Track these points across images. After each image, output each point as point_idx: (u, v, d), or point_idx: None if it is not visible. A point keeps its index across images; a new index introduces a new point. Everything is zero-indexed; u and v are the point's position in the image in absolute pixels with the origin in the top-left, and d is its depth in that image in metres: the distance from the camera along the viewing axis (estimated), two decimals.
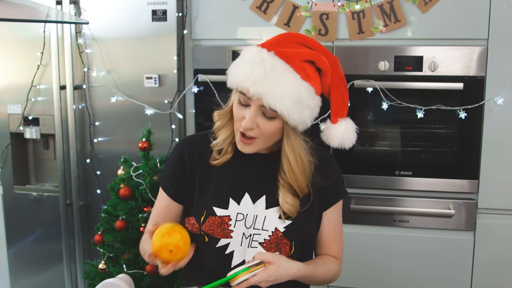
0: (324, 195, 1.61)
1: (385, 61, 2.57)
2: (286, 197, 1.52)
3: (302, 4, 2.60)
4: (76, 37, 2.81)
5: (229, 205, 1.54)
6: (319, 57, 1.46)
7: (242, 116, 1.45)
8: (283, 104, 1.39)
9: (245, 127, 1.43)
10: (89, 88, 2.85)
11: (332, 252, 1.66)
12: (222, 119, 1.56)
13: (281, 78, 1.40)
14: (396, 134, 2.67)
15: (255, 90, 1.39)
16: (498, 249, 2.60)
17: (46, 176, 3.14)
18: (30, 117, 2.95)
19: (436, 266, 2.67)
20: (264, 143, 1.49)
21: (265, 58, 1.42)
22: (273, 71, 1.40)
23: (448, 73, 2.53)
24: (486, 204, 2.59)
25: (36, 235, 3.08)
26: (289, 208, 1.52)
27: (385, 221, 2.69)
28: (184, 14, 2.72)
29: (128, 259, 2.23)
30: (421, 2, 2.50)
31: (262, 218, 1.53)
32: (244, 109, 1.45)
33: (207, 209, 1.53)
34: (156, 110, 2.74)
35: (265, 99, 1.38)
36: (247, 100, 1.43)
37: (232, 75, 1.46)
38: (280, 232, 1.53)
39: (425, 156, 2.64)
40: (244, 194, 1.55)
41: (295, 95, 1.40)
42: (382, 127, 2.68)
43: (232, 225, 1.53)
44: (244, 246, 1.53)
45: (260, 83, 1.39)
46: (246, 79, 1.40)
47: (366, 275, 2.74)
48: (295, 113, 1.41)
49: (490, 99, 2.50)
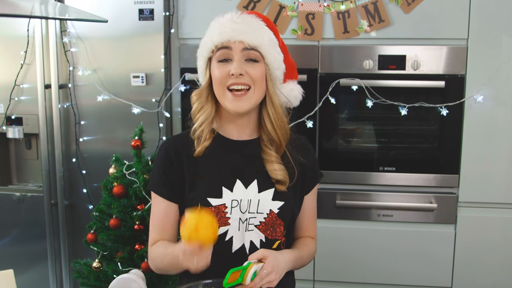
0: (306, 178, 1.68)
1: (370, 60, 2.64)
2: (272, 166, 1.59)
3: (289, 4, 2.65)
4: (61, 36, 2.79)
5: (222, 194, 1.57)
6: (268, 19, 1.65)
7: (227, 71, 1.53)
8: (261, 41, 1.54)
9: (236, 72, 1.51)
10: (75, 87, 2.83)
11: (310, 233, 1.77)
12: (201, 97, 1.61)
13: (251, 22, 1.57)
14: (380, 131, 2.75)
15: (234, 34, 1.53)
16: (478, 241, 2.71)
17: (28, 176, 3.10)
18: (13, 117, 2.91)
19: (418, 258, 2.76)
20: (255, 94, 1.56)
21: (231, 16, 1.57)
22: (242, 20, 1.56)
23: (430, 72, 2.62)
24: (466, 197, 2.69)
25: (19, 235, 3.03)
26: (280, 173, 1.59)
27: (369, 216, 2.77)
28: (171, 13, 2.73)
29: (123, 257, 2.23)
30: (404, 3, 2.58)
31: (256, 202, 1.58)
32: (226, 65, 1.54)
33: (201, 202, 1.56)
34: (143, 108, 2.75)
35: (245, 37, 1.52)
36: (229, 52, 1.54)
37: (205, 43, 1.59)
38: (275, 213, 1.59)
39: (408, 152, 2.72)
40: (236, 180, 1.59)
41: (264, 34, 1.57)
42: (367, 124, 2.75)
43: (229, 212, 1.57)
44: (242, 230, 1.58)
45: (236, 29, 1.53)
46: (222, 32, 1.54)
47: (351, 269, 2.81)
48: (271, 51, 1.56)
49: (470, 96, 2.60)
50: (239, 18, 1.56)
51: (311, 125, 2.69)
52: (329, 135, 2.74)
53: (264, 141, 1.62)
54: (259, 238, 1.59)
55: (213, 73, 1.57)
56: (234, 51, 1.53)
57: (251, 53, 1.54)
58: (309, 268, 2.82)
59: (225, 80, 1.53)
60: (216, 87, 1.56)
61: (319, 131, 2.73)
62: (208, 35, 1.59)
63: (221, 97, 1.56)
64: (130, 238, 2.27)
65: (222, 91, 1.55)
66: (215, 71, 1.56)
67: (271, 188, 1.60)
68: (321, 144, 2.74)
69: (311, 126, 2.69)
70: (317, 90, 2.70)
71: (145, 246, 2.24)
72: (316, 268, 2.82)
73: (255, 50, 1.53)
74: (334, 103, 2.67)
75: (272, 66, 1.57)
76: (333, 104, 2.67)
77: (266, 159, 1.61)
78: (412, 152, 2.72)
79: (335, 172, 2.74)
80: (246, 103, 1.55)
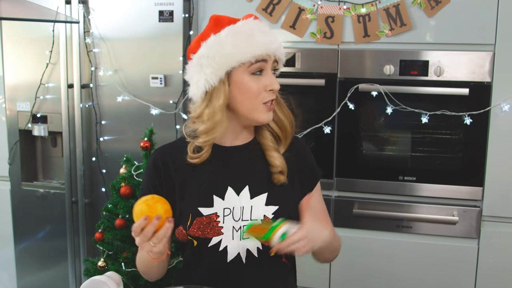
0: (304, 176, 1.61)
1: (391, 65, 2.55)
2: (271, 153, 1.55)
3: (308, 7, 2.60)
4: (84, 37, 2.84)
5: (213, 203, 1.52)
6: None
7: (263, 85, 1.47)
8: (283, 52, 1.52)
9: (278, 87, 1.49)
10: (96, 87, 2.88)
11: None
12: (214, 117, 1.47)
13: (273, 32, 1.51)
14: (401, 139, 2.65)
15: (273, 48, 1.47)
16: (502, 258, 2.57)
17: (53, 173, 3.17)
18: (38, 115, 2.99)
19: (439, 273, 2.64)
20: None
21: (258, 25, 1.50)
22: (267, 29, 1.50)
23: (453, 78, 2.50)
24: (491, 211, 2.55)
25: (43, 231, 3.11)
26: (279, 161, 1.54)
27: (388, 227, 2.67)
28: (191, 15, 2.73)
29: (127, 257, 2.23)
30: (428, 6, 2.48)
31: (249, 208, 1.52)
32: (260, 78, 1.48)
33: (192, 212, 1.51)
34: (161, 110, 2.76)
35: (278, 52, 1.49)
36: (264, 65, 1.47)
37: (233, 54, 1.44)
38: (269, 219, 1.52)
39: (430, 162, 2.62)
40: (227, 188, 1.53)
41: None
42: (386, 132, 2.67)
43: (221, 221, 1.51)
44: (236, 239, 1.52)
45: (268, 42, 1.47)
46: (260, 44, 1.45)
47: (368, 280, 2.72)
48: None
49: (497, 105, 2.47)
50: (266, 27, 1.51)
51: (329, 131, 2.63)
52: (347, 142, 2.67)
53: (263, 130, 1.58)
54: (256, 246, 1.54)
55: (243, 86, 1.46)
56: (268, 64, 1.48)
57: (275, 65, 1.51)
58: (324, 277, 2.75)
59: (262, 95, 1.47)
60: (249, 100, 1.47)
61: (337, 138, 2.66)
62: (231, 44, 1.44)
63: (253, 109, 1.48)
64: None
65: (256, 105, 1.48)
66: (250, 84, 1.45)
67: (264, 193, 1.54)
68: (339, 150, 2.67)
69: (328, 132, 2.63)
70: (336, 95, 2.63)
71: None
72: (331, 277, 2.75)
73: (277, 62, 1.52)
74: (352, 109, 2.60)
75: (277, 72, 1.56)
76: (352, 110, 2.60)
77: (265, 143, 1.56)
78: (433, 161, 2.61)
79: (353, 180, 2.67)
80: (272, 113, 1.53)
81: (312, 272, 1.78)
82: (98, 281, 1.38)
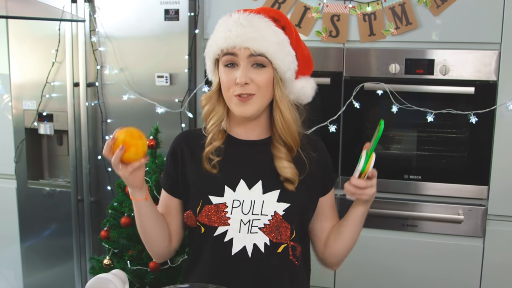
0: (322, 178, 1.65)
1: (396, 64, 2.55)
2: (282, 163, 1.55)
3: (313, 6, 2.60)
4: (90, 35, 2.85)
5: (224, 193, 1.54)
6: (280, 13, 1.57)
7: (233, 78, 1.49)
8: (268, 47, 1.47)
9: (241, 81, 1.47)
10: (102, 85, 2.89)
11: None
12: (210, 101, 1.58)
13: (257, 26, 1.49)
14: (406, 138, 2.65)
15: (239, 41, 1.47)
16: (507, 256, 2.56)
17: (59, 172, 3.19)
18: (44, 113, 3.00)
19: (444, 272, 2.64)
20: (261, 100, 1.52)
21: (237, 17, 1.50)
22: (248, 22, 1.49)
23: (459, 77, 2.50)
24: (496, 210, 2.55)
25: (49, 229, 3.13)
26: (290, 171, 1.54)
27: (393, 225, 2.67)
28: (196, 14, 2.74)
29: (132, 256, 2.24)
30: (433, 5, 2.47)
31: (260, 203, 1.54)
32: (233, 70, 1.50)
33: (202, 199, 1.54)
34: (166, 108, 2.76)
35: (251, 44, 1.46)
36: (234, 58, 1.49)
37: (211, 45, 1.54)
38: (280, 216, 1.54)
39: (435, 161, 2.61)
40: (239, 180, 1.55)
41: (273, 37, 1.49)
42: (392, 131, 2.66)
43: (229, 212, 1.53)
44: (243, 232, 1.53)
45: (241, 35, 1.47)
46: (227, 37, 1.48)
47: (374, 278, 2.72)
48: (280, 55, 1.49)
49: (502, 104, 2.47)
50: (245, 20, 1.49)
51: (334, 129, 2.63)
52: (352, 140, 2.67)
53: (277, 138, 1.58)
54: (263, 241, 1.54)
55: (221, 78, 1.54)
56: (240, 57, 1.48)
57: (258, 59, 1.48)
58: (329, 276, 2.75)
59: (232, 87, 1.50)
60: (224, 92, 1.54)
61: (343, 136, 2.66)
62: (214, 36, 1.55)
63: (228, 101, 1.54)
64: None
65: (229, 97, 1.52)
66: (222, 76, 1.53)
67: (277, 189, 1.55)
68: (344, 149, 2.67)
69: (333, 130, 2.63)
70: (341, 93, 2.63)
71: None
72: (337, 276, 2.75)
73: (262, 55, 1.48)
74: (358, 108, 2.60)
75: (280, 70, 1.51)
76: (357, 108, 2.60)
77: (275, 154, 1.57)
78: (439, 160, 2.61)
79: None
80: (250, 108, 1.51)
81: (317, 271, 1.78)
82: (103, 278, 1.39)
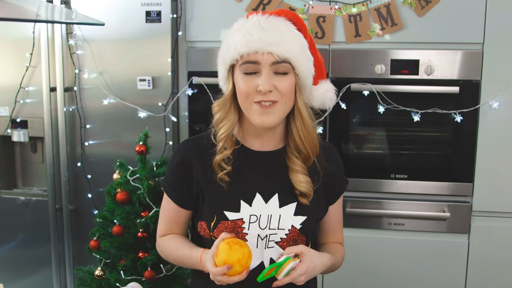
0: (332, 188, 1.60)
1: (382, 65, 2.57)
2: (297, 177, 1.50)
3: (299, 7, 2.59)
4: (67, 38, 2.75)
5: (240, 208, 1.48)
6: (296, 16, 1.49)
7: (254, 86, 1.41)
8: (292, 51, 1.40)
9: (264, 89, 1.39)
10: (80, 90, 2.79)
11: (339, 239, 1.71)
12: (223, 108, 1.49)
13: (279, 29, 1.41)
14: (392, 138, 2.68)
15: (262, 45, 1.38)
16: (492, 252, 2.62)
17: (33, 180, 3.06)
18: (18, 120, 2.87)
19: (430, 269, 2.68)
20: (284, 107, 1.45)
21: (257, 20, 1.42)
22: (270, 26, 1.40)
23: (444, 77, 2.54)
24: (480, 207, 2.61)
25: (23, 239, 3.00)
26: (305, 186, 1.49)
27: (380, 225, 2.69)
28: (179, 16, 2.68)
29: (126, 265, 2.18)
30: (418, 6, 2.50)
31: (277, 217, 1.49)
32: (253, 78, 1.41)
33: (217, 214, 1.48)
34: (149, 112, 2.70)
35: (274, 48, 1.38)
36: (255, 66, 1.40)
37: (228, 49, 1.44)
38: (297, 229, 1.50)
39: (420, 159, 2.65)
40: (255, 194, 1.50)
41: (295, 42, 1.43)
42: (378, 131, 2.68)
43: (246, 228, 1.48)
44: (261, 247, 1.49)
45: (264, 39, 1.38)
46: (249, 41, 1.39)
47: (361, 278, 2.74)
48: (302, 61, 1.43)
49: (485, 102, 2.52)
50: (266, 23, 1.40)
51: (321, 131, 2.63)
52: (339, 141, 2.67)
53: (291, 149, 1.52)
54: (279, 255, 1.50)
55: (237, 85, 1.45)
56: (262, 64, 1.39)
57: (281, 67, 1.40)
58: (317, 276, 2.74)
59: (252, 95, 1.42)
60: (242, 100, 1.45)
61: (329, 137, 2.66)
62: (231, 39, 1.43)
63: (247, 109, 1.45)
64: (134, 246, 2.22)
65: (248, 105, 1.44)
66: (240, 83, 1.43)
67: (293, 203, 1.51)
68: None
69: (320, 132, 2.63)
70: None
71: (149, 255, 2.18)
72: (324, 277, 2.76)
73: (286, 62, 1.40)
74: (344, 109, 2.61)
75: (302, 76, 1.44)
76: (344, 109, 2.61)
77: (291, 167, 1.51)
78: (424, 159, 2.65)
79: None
80: (272, 117, 1.43)
81: None
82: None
